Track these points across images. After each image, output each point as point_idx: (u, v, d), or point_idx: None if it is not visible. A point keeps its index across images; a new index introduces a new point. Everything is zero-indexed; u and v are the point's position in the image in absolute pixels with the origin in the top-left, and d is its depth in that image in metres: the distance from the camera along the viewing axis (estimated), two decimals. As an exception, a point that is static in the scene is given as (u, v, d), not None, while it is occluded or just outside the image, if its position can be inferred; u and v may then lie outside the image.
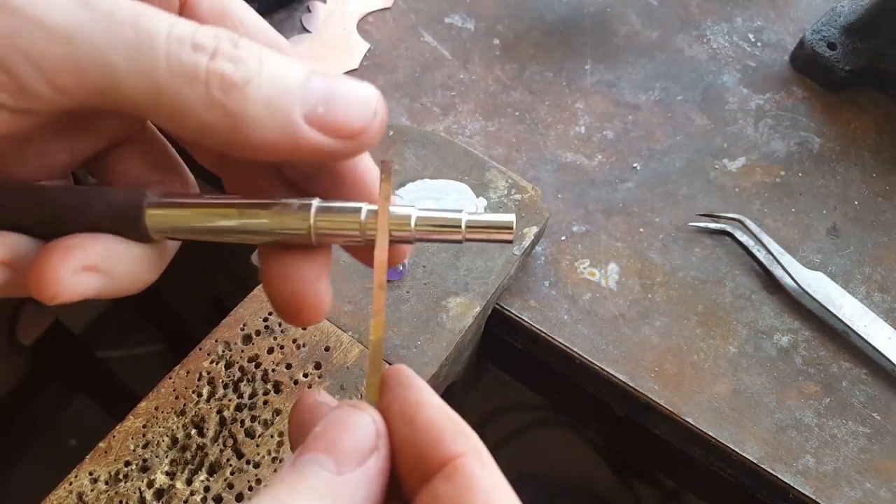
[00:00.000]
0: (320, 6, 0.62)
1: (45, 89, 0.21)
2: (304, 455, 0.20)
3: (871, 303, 0.51)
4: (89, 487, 0.37)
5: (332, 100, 0.22)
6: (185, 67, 0.21)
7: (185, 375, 0.40)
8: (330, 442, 0.21)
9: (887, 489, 0.45)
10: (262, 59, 0.22)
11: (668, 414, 0.46)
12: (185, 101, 0.21)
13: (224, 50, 0.21)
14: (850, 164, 0.58)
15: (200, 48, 0.21)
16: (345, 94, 0.22)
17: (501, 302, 0.49)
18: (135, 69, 0.21)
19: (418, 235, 0.24)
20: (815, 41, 0.61)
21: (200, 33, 0.21)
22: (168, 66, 0.21)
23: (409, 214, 0.24)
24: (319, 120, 0.22)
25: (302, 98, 0.22)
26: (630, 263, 0.52)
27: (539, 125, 0.58)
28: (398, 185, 0.48)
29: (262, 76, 0.21)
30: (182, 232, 0.25)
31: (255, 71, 0.21)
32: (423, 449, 0.21)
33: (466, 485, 0.20)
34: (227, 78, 0.21)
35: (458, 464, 0.20)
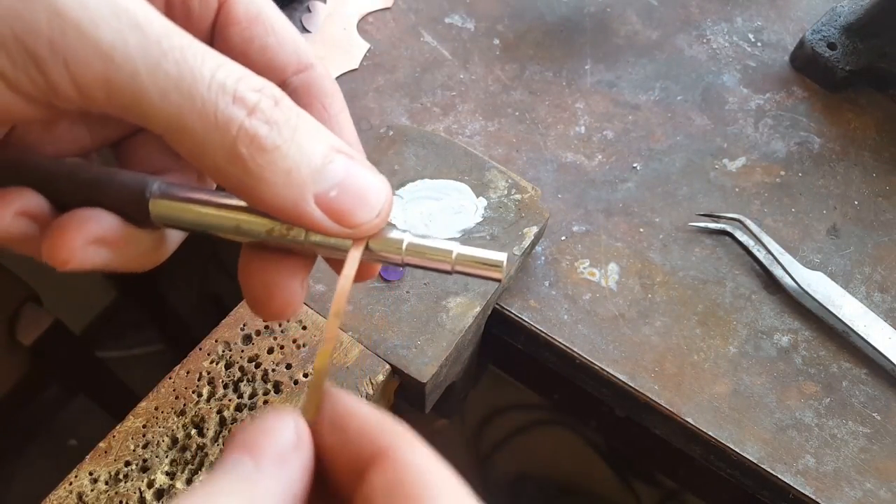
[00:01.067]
0: (320, 6, 0.62)
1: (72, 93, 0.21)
2: (225, 458, 0.21)
3: (871, 303, 0.51)
4: (89, 487, 0.37)
5: (346, 188, 0.23)
6: (221, 118, 0.21)
7: (185, 375, 0.40)
8: (250, 443, 0.21)
9: (887, 489, 0.45)
10: (295, 129, 0.22)
11: (668, 414, 0.46)
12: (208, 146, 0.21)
13: (264, 109, 0.22)
14: (850, 164, 0.58)
15: (241, 102, 0.21)
16: (359, 186, 0.23)
17: (501, 302, 0.49)
18: (167, 102, 0.21)
19: (407, 261, 0.24)
20: (815, 41, 0.61)
21: (244, 85, 0.21)
22: (203, 109, 0.21)
23: (402, 240, 0.24)
24: (328, 203, 0.22)
25: (320, 178, 0.22)
26: (630, 263, 0.52)
27: (539, 125, 0.58)
28: (398, 185, 0.48)
29: (291, 147, 0.22)
30: (182, 225, 0.25)
31: (286, 139, 0.22)
32: (356, 452, 0.21)
33: (398, 469, 0.20)
34: (259, 140, 0.21)
35: (387, 453, 0.21)
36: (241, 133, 0.21)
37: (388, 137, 0.50)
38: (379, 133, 0.50)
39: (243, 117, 0.21)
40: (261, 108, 0.21)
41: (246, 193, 0.22)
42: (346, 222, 0.23)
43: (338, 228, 0.23)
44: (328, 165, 0.23)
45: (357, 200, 0.23)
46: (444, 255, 0.24)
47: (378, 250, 0.24)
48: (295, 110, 0.23)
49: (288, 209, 0.22)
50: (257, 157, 0.21)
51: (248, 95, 0.21)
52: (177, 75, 0.20)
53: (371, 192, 0.23)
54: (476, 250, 0.25)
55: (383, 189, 0.24)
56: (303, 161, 0.22)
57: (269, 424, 0.21)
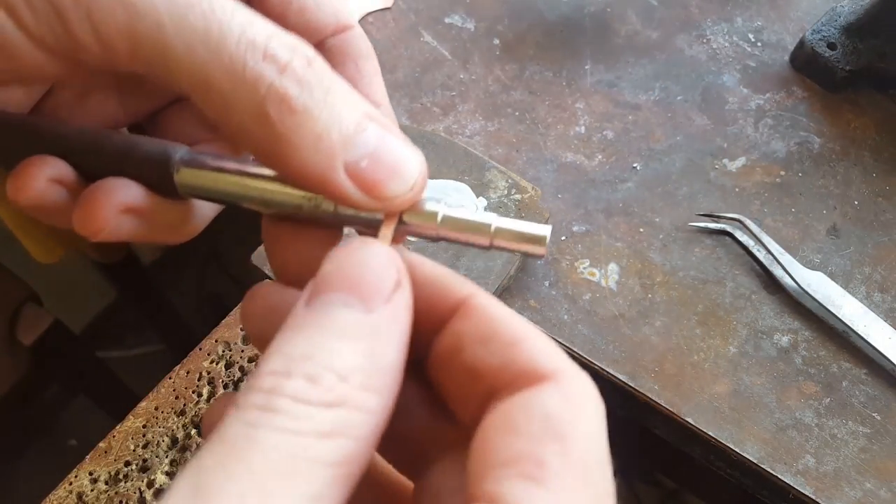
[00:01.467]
0: (320, 6, 0.62)
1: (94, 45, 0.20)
2: (322, 296, 0.19)
3: (871, 303, 0.51)
4: (89, 487, 0.37)
5: (378, 158, 0.21)
6: (250, 74, 0.20)
7: (185, 375, 0.40)
8: (350, 280, 0.19)
9: (887, 489, 0.45)
10: (328, 91, 0.21)
11: (668, 414, 0.46)
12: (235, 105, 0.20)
13: (296, 68, 0.21)
14: (850, 164, 0.58)
15: (272, 59, 0.20)
16: (392, 156, 0.22)
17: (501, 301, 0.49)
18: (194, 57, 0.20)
19: (442, 234, 0.23)
20: (815, 41, 0.61)
21: (276, 42, 0.21)
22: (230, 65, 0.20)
23: (437, 212, 0.23)
24: (359, 173, 0.21)
25: (351, 145, 0.21)
26: (630, 263, 0.52)
27: (539, 125, 0.58)
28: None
29: (323, 110, 0.21)
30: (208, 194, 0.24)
31: (318, 101, 0.21)
32: (432, 299, 0.21)
33: (488, 317, 0.20)
34: (289, 101, 0.20)
35: (472, 303, 0.20)
36: (271, 92, 0.20)
37: (388, 137, 0.50)
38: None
39: (274, 75, 0.20)
40: (293, 67, 0.20)
41: (273, 158, 0.21)
42: (378, 194, 0.21)
43: (368, 201, 0.21)
44: (360, 133, 0.21)
45: (390, 172, 0.21)
46: (482, 228, 0.22)
47: (412, 223, 0.23)
48: (329, 72, 0.21)
49: (316, 177, 0.21)
50: (286, 118, 0.20)
51: (280, 52, 0.20)
52: (204, 28, 0.20)
53: (405, 163, 0.22)
54: (517, 223, 0.23)
55: (417, 161, 0.22)
56: (334, 126, 0.21)
57: (363, 254, 0.20)
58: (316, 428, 0.17)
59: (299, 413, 0.17)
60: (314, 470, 0.16)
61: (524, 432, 0.17)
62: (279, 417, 0.17)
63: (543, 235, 0.22)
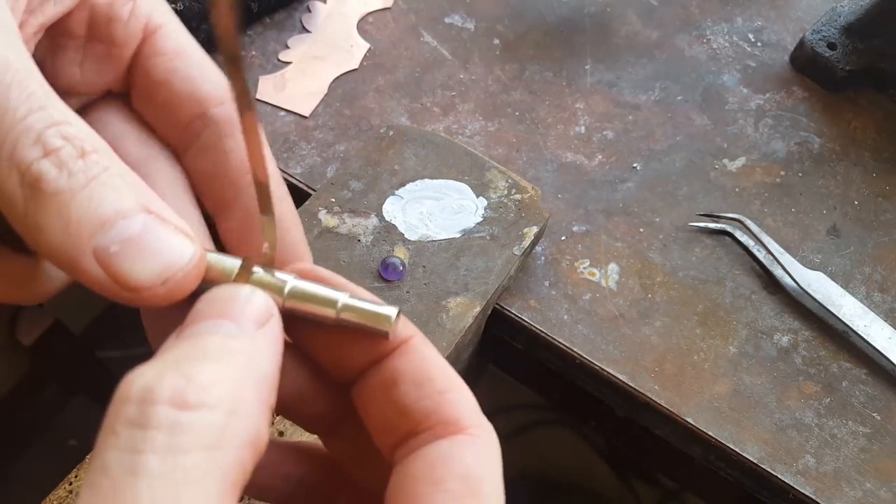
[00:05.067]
0: (320, 6, 0.62)
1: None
2: (194, 325, 0.20)
3: (871, 303, 0.51)
4: (89, 487, 0.37)
5: (135, 246, 0.20)
6: (14, 156, 0.20)
7: (185, 375, 0.40)
8: (223, 309, 0.20)
9: (887, 489, 0.45)
10: (94, 179, 0.20)
11: (668, 414, 0.46)
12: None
13: (62, 154, 0.20)
14: (850, 164, 0.58)
15: (41, 144, 0.20)
16: (155, 246, 0.21)
17: (501, 302, 0.49)
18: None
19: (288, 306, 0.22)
20: (815, 41, 0.61)
21: (54, 130, 0.20)
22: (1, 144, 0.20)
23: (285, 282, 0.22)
24: (106, 259, 0.20)
25: (104, 231, 0.20)
26: (630, 263, 0.52)
27: (539, 125, 0.58)
28: (398, 185, 0.48)
29: (77, 195, 0.20)
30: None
31: (74, 186, 0.20)
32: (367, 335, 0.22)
33: (425, 362, 0.22)
34: (40, 183, 0.20)
35: (413, 344, 0.22)
36: (28, 173, 0.20)
37: (388, 137, 0.50)
38: (379, 133, 0.50)
39: (34, 157, 0.20)
40: (59, 154, 0.20)
41: (26, 238, 0.21)
42: (123, 281, 0.20)
43: (113, 287, 0.20)
44: (121, 220, 0.20)
45: (142, 261, 0.20)
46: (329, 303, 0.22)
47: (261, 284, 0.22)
48: (104, 164, 0.21)
49: (63, 259, 0.20)
50: (32, 200, 0.20)
51: (52, 140, 0.20)
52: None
53: (165, 254, 0.21)
54: (365, 303, 0.22)
55: (182, 256, 0.21)
56: (88, 212, 0.20)
57: (235, 290, 0.21)
58: (199, 441, 0.17)
59: (179, 422, 0.17)
60: (205, 487, 0.17)
61: (446, 487, 0.20)
62: (157, 435, 0.17)
63: (388, 315, 0.22)
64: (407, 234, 0.46)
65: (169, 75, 0.26)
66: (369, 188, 0.47)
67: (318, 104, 0.57)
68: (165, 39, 0.26)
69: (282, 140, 0.54)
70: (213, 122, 0.26)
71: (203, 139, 0.26)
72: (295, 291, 0.22)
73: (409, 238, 0.46)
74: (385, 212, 0.47)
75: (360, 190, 0.47)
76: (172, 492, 0.16)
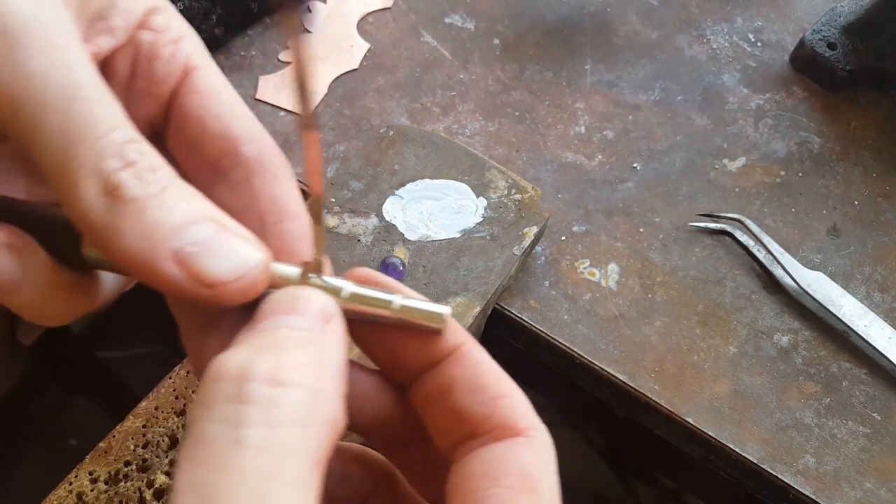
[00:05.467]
0: (320, 6, 0.62)
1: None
2: (266, 320, 0.21)
3: (871, 303, 0.51)
4: (89, 487, 0.37)
5: (209, 246, 0.22)
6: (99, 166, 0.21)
7: (185, 375, 0.40)
8: (291, 306, 0.21)
9: (887, 489, 0.45)
10: (165, 188, 0.22)
11: (668, 414, 0.46)
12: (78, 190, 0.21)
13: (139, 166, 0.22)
14: (850, 164, 0.58)
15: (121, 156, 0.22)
16: (226, 247, 0.22)
17: (501, 302, 0.49)
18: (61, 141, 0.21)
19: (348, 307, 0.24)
20: (815, 41, 0.61)
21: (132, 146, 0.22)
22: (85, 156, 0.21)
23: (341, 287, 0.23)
24: (185, 258, 0.22)
25: (180, 234, 0.22)
26: (630, 263, 0.52)
27: (539, 125, 0.58)
28: (398, 185, 0.48)
29: (153, 201, 0.22)
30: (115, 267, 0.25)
31: (150, 194, 0.22)
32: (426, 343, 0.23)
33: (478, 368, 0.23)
34: (121, 189, 0.21)
35: (465, 351, 0.23)
36: (109, 181, 0.21)
37: (388, 137, 0.50)
38: (379, 133, 0.50)
39: (115, 168, 0.21)
40: (136, 166, 0.22)
41: (102, 245, 0.22)
42: (202, 278, 0.22)
43: (192, 284, 0.22)
44: (193, 225, 0.22)
45: (218, 258, 0.22)
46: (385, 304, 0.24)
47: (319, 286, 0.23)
48: (171, 177, 0.23)
49: (140, 262, 0.22)
50: (113, 207, 0.21)
51: (131, 154, 0.22)
52: (76, 121, 0.21)
53: (238, 253, 0.22)
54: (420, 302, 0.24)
55: (253, 257, 0.23)
56: (164, 216, 0.22)
57: (299, 292, 0.22)
58: (293, 416, 0.18)
59: (274, 398, 0.18)
60: (297, 461, 0.18)
61: (504, 483, 0.21)
62: (255, 410, 0.18)
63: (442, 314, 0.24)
64: (407, 234, 0.46)
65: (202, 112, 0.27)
66: (369, 188, 0.47)
67: (319, 104, 0.57)
68: (202, 79, 0.27)
69: (282, 140, 0.54)
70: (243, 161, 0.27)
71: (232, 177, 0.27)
72: (352, 294, 0.24)
73: (409, 238, 0.46)
74: (385, 212, 0.47)
75: (360, 190, 0.47)
76: (272, 464, 0.17)
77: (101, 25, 0.26)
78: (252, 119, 0.28)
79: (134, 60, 0.27)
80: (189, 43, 0.28)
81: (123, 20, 0.26)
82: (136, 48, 0.27)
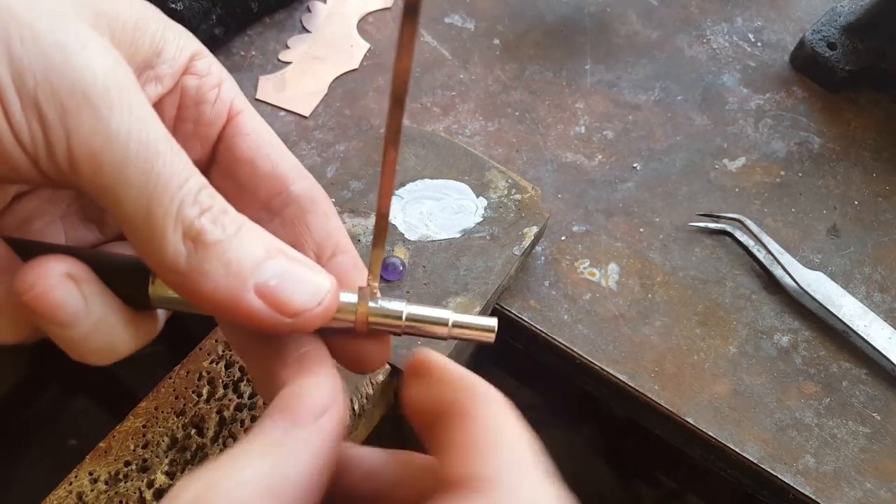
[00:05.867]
0: (320, 6, 0.62)
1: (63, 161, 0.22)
2: (261, 422, 0.23)
3: (871, 303, 0.51)
4: (89, 487, 0.37)
5: (287, 279, 0.24)
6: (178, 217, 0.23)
7: (185, 375, 0.40)
8: (285, 406, 0.23)
9: (887, 489, 0.45)
10: (240, 228, 0.24)
11: (668, 414, 0.46)
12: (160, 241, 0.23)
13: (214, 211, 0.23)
14: (850, 164, 0.58)
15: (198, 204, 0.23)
16: (302, 277, 0.24)
17: (501, 302, 0.49)
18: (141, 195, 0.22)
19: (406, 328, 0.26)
20: (815, 41, 0.61)
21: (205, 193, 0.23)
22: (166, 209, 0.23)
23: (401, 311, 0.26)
24: (268, 292, 0.24)
25: (260, 269, 0.24)
26: (630, 263, 0.52)
27: (539, 125, 0.58)
28: (398, 185, 0.48)
29: (233, 241, 0.23)
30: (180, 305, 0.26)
31: (229, 235, 0.23)
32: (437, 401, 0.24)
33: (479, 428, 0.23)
34: (203, 235, 0.23)
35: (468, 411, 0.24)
36: (192, 229, 0.23)
37: (388, 137, 0.50)
38: (379, 133, 0.50)
39: (195, 215, 0.23)
40: (212, 211, 0.23)
41: (185, 287, 0.24)
42: (286, 310, 0.24)
43: (277, 317, 0.24)
44: (270, 259, 0.24)
45: (298, 289, 0.24)
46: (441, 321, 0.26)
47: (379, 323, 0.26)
48: (241, 218, 0.24)
49: (227, 301, 0.23)
50: (197, 251, 0.23)
51: (205, 200, 0.23)
52: (157, 174, 0.22)
53: (313, 281, 0.24)
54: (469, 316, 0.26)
55: (327, 281, 0.25)
56: (244, 254, 0.23)
57: (302, 385, 0.24)
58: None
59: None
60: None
61: None
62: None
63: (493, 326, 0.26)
64: (407, 234, 0.46)
65: (252, 154, 0.29)
66: (369, 188, 0.47)
67: (318, 104, 0.57)
68: (247, 122, 0.29)
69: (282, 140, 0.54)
70: (295, 200, 0.29)
71: (286, 215, 0.29)
72: (411, 315, 0.26)
73: (409, 238, 0.46)
74: (385, 212, 0.47)
75: (360, 190, 0.47)
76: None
77: (150, 74, 0.27)
78: (294, 158, 0.30)
79: (180, 105, 0.28)
80: (229, 87, 0.29)
81: (170, 67, 0.27)
82: (182, 92, 0.28)
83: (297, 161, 0.30)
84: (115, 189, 0.22)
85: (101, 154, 0.22)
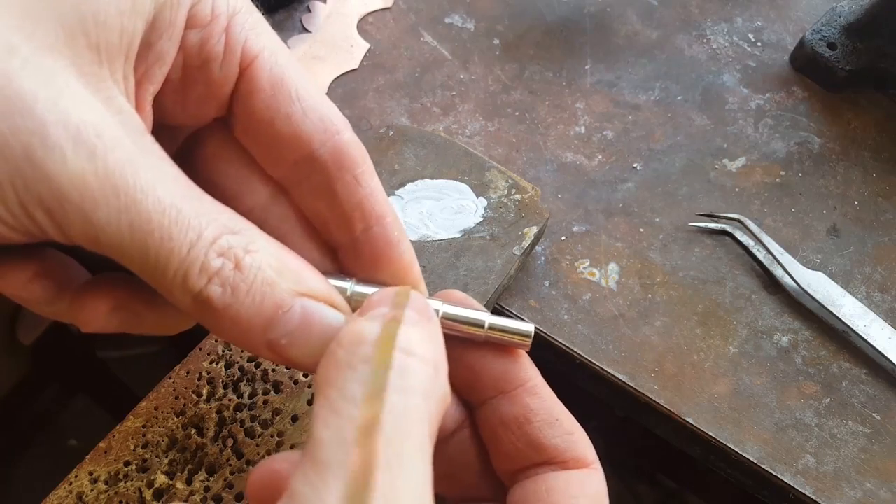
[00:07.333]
0: (320, 6, 0.62)
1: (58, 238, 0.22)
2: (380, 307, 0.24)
3: (871, 303, 0.51)
4: (89, 487, 0.37)
5: (297, 336, 0.24)
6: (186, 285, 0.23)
7: (185, 375, 0.40)
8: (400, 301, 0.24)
9: (887, 489, 0.45)
10: (252, 283, 0.23)
11: (668, 414, 0.46)
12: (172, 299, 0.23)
13: (223, 273, 0.23)
14: (850, 164, 0.58)
15: (205, 271, 0.23)
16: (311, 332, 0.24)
17: (501, 302, 0.49)
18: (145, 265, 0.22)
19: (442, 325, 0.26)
20: (815, 41, 0.61)
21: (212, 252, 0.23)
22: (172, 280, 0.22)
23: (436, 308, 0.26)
24: (279, 350, 0.24)
25: (272, 327, 0.24)
26: (630, 263, 0.52)
27: (539, 125, 0.58)
28: (398, 185, 0.48)
29: (244, 303, 0.23)
30: None
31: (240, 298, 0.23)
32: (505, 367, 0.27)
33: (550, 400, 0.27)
34: (211, 302, 0.23)
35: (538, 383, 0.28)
36: (198, 299, 0.23)
37: (388, 137, 0.50)
38: (379, 133, 0.50)
39: (202, 285, 0.23)
40: (220, 274, 0.23)
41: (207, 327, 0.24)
42: (294, 363, 0.25)
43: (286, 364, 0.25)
44: (283, 315, 0.24)
45: (307, 345, 0.24)
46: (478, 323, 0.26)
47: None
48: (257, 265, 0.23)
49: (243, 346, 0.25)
50: (206, 315, 0.23)
51: (213, 263, 0.23)
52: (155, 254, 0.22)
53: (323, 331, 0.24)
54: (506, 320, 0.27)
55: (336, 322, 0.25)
56: (254, 315, 0.23)
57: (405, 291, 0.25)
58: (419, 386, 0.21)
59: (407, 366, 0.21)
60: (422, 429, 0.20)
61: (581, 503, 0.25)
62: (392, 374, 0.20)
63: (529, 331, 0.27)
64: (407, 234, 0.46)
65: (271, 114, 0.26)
66: (369, 188, 0.47)
67: (318, 104, 0.57)
68: (262, 71, 0.26)
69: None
70: (321, 166, 0.27)
71: (313, 182, 0.27)
72: (447, 314, 0.26)
73: (409, 238, 0.46)
74: (385, 212, 0.47)
75: (360, 190, 0.47)
76: (405, 428, 0.19)
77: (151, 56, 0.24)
78: (324, 107, 0.26)
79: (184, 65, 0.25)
80: (240, 26, 0.25)
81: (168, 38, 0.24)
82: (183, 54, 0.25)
83: (326, 112, 0.26)
84: (120, 259, 0.22)
85: (95, 242, 0.21)
